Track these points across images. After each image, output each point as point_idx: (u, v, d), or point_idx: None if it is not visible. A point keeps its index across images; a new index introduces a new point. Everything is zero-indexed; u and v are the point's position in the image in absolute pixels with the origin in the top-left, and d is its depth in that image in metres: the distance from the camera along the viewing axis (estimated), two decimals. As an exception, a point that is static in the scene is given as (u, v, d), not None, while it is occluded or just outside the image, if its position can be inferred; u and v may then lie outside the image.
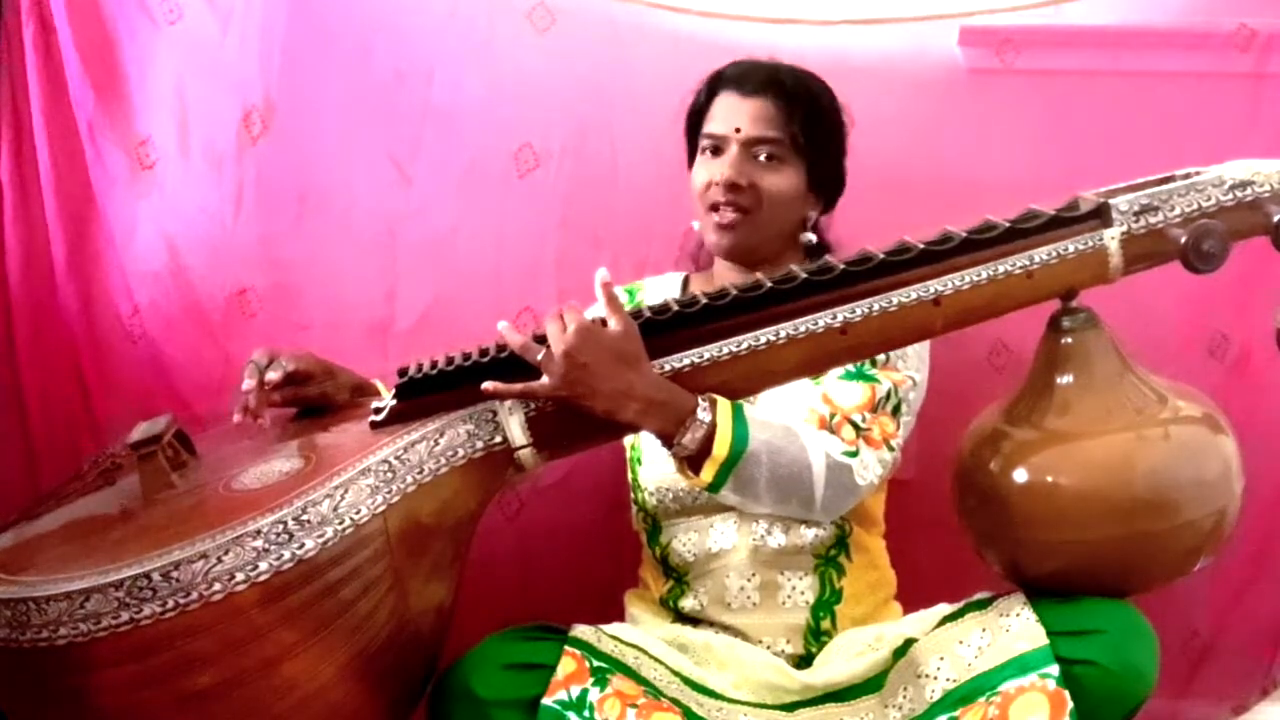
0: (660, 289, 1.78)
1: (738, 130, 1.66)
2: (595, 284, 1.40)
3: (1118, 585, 1.40)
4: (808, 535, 1.60)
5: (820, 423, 1.53)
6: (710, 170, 1.67)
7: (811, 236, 1.71)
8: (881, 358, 1.58)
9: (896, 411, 1.57)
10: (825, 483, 1.47)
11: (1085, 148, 1.91)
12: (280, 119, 1.92)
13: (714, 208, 1.66)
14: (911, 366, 1.60)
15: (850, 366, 1.57)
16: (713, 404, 1.40)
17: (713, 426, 1.39)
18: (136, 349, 1.91)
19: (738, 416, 1.41)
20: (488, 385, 1.36)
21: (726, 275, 1.70)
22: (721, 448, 1.39)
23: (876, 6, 1.98)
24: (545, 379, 1.36)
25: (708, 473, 1.40)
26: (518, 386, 1.36)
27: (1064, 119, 1.94)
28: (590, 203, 1.96)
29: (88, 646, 1.20)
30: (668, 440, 1.40)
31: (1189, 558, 1.41)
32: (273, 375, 1.52)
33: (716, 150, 1.68)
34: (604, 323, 1.38)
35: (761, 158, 1.65)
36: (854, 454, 1.51)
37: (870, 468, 1.52)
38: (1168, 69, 1.96)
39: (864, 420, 1.54)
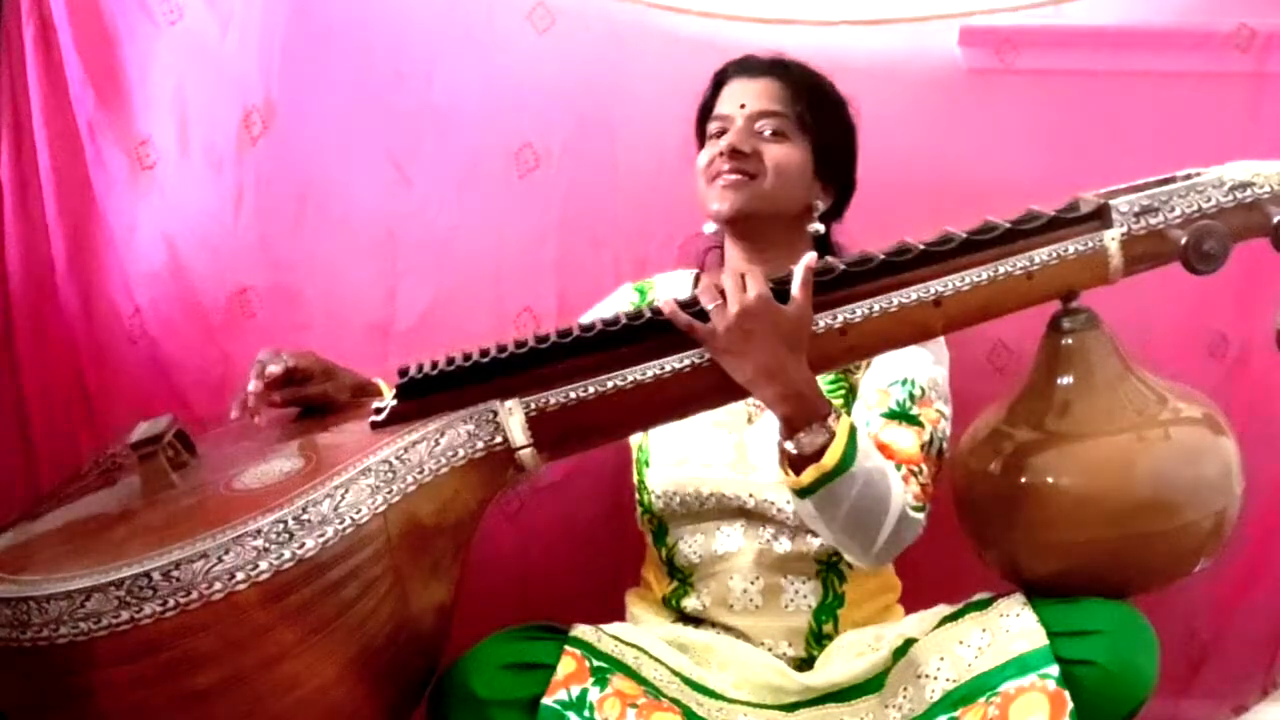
0: (671, 286, 1.78)
1: (743, 107, 1.67)
2: (800, 263, 1.39)
3: (1118, 585, 1.40)
4: (814, 543, 1.60)
5: None
6: (714, 148, 1.67)
7: (819, 226, 1.71)
8: (918, 393, 1.57)
9: (940, 455, 1.56)
10: (892, 530, 1.46)
11: (1085, 148, 1.91)
12: (280, 119, 1.92)
13: (717, 175, 1.66)
14: (941, 398, 1.59)
15: (893, 405, 1.56)
16: (838, 418, 1.40)
17: (831, 436, 1.39)
18: (136, 349, 1.91)
19: (853, 436, 1.40)
20: (666, 304, 1.38)
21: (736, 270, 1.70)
22: (832, 457, 1.38)
23: (876, 6, 1.98)
24: (710, 324, 1.36)
25: (808, 476, 1.39)
26: (684, 319, 1.37)
27: (1064, 119, 1.94)
28: (590, 203, 1.96)
29: (88, 645, 1.20)
30: (791, 432, 1.39)
31: (1189, 558, 1.41)
32: (273, 369, 1.52)
33: (721, 133, 1.68)
34: (782, 299, 1.37)
35: (767, 133, 1.66)
36: (920, 509, 1.50)
37: (922, 524, 1.51)
38: (1168, 69, 1.96)
39: (923, 474, 1.52)
